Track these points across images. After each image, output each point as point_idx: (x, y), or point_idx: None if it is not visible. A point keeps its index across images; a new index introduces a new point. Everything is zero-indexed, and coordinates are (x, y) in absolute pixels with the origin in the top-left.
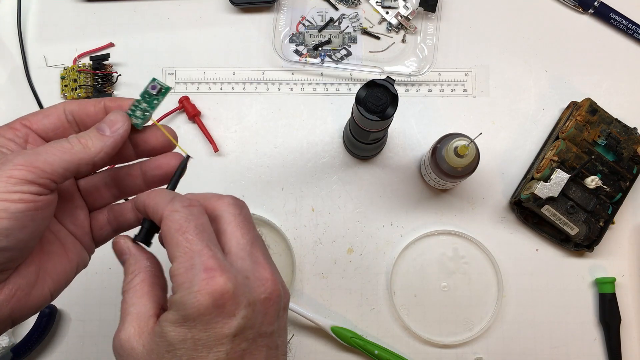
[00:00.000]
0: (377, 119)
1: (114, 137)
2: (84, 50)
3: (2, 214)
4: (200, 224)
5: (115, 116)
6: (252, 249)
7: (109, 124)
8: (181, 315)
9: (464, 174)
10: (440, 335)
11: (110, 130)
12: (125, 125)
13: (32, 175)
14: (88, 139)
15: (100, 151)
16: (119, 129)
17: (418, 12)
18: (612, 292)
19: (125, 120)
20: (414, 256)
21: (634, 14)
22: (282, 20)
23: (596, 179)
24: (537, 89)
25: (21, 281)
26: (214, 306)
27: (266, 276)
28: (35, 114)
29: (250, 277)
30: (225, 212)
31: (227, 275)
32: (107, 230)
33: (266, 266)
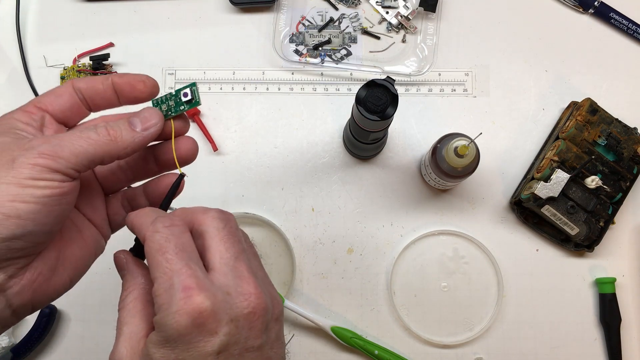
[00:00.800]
0: (377, 119)
1: (145, 135)
2: (84, 50)
3: (29, 198)
4: (180, 243)
5: (150, 113)
6: (236, 263)
7: (142, 120)
8: (163, 336)
9: (464, 174)
10: (440, 335)
11: (142, 127)
12: (159, 125)
13: (57, 165)
14: (118, 132)
15: (128, 147)
16: (152, 128)
17: (418, 12)
18: (612, 292)
19: (160, 119)
20: (414, 256)
21: (634, 14)
22: (282, 20)
23: (596, 179)
24: (537, 89)
25: (43, 266)
26: (194, 325)
27: (249, 290)
28: (47, 95)
29: (232, 293)
30: (209, 227)
31: (206, 294)
32: (121, 215)
33: (250, 280)
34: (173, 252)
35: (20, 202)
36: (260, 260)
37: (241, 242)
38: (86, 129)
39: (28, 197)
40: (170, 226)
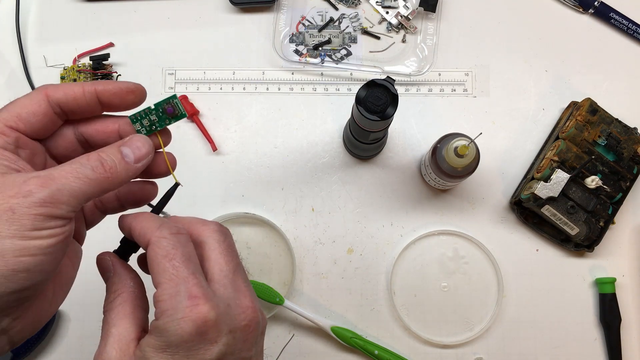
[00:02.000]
0: (377, 119)
1: (137, 167)
2: (84, 50)
3: (35, 251)
4: (187, 252)
5: (142, 143)
6: (235, 276)
7: (134, 150)
8: (164, 341)
9: (464, 174)
10: (440, 335)
11: (135, 158)
12: (150, 156)
13: (59, 211)
14: (113, 166)
15: (123, 181)
16: (144, 159)
17: (418, 12)
18: (612, 292)
19: (152, 150)
20: (414, 256)
21: (634, 14)
22: (282, 20)
23: (596, 179)
24: (537, 89)
25: (42, 302)
26: (197, 333)
27: (247, 304)
28: (19, 112)
29: (232, 305)
30: (209, 239)
31: (211, 304)
32: (96, 214)
33: (247, 294)
34: (180, 259)
35: (27, 256)
36: None
37: (238, 256)
38: (81, 165)
39: (34, 249)
40: (177, 234)
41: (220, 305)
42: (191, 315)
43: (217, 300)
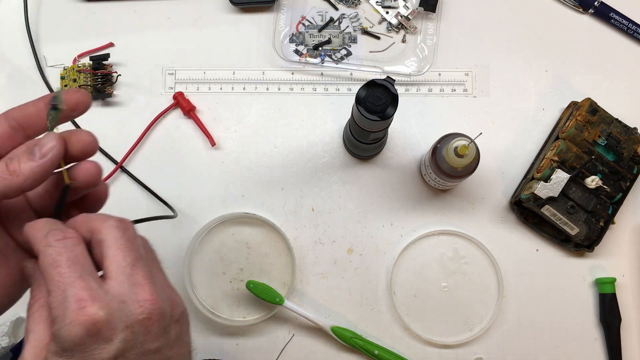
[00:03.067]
0: (377, 119)
1: (44, 162)
2: (84, 50)
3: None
4: (73, 255)
5: (47, 139)
6: (132, 270)
7: (39, 147)
8: (59, 346)
9: (464, 174)
10: (440, 335)
11: (40, 154)
12: (55, 150)
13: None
14: (16, 165)
15: (29, 178)
16: (49, 153)
17: (418, 12)
18: (612, 292)
19: (58, 141)
20: (414, 256)
21: (634, 14)
22: (282, 20)
23: (596, 179)
24: (537, 89)
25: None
26: (88, 335)
27: (145, 297)
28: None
29: (127, 300)
30: (108, 236)
31: (99, 304)
32: None
33: (146, 287)
34: (65, 265)
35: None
36: (160, 263)
37: (139, 249)
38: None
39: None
40: (63, 239)
41: (112, 303)
42: (79, 318)
43: (109, 298)
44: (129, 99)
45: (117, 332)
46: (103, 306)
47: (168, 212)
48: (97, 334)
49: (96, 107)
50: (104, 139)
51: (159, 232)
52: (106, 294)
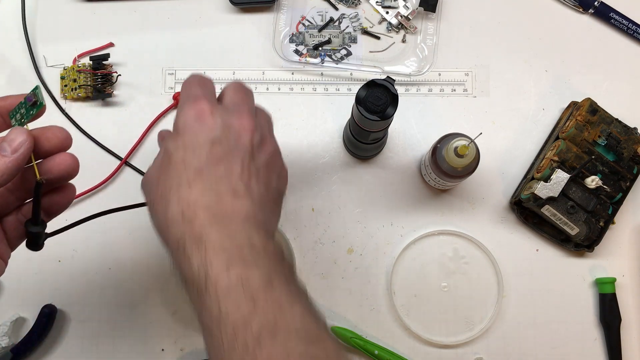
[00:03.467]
0: (377, 119)
1: (16, 158)
2: (84, 50)
3: None
4: (203, 82)
5: (15, 134)
6: (241, 104)
7: (9, 142)
8: (175, 130)
9: (464, 174)
10: (440, 335)
11: (11, 149)
12: (26, 145)
13: None
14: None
15: (2, 174)
16: (20, 149)
17: (418, 12)
18: (612, 292)
19: (27, 137)
20: (414, 256)
21: (634, 14)
22: (282, 20)
23: (596, 179)
24: (537, 89)
25: None
26: (195, 118)
27: (243, 121)
28: None
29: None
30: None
31: (210, 104)
32: (20, 230)
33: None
34: (195, 82)
35: None
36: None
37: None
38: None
39: None
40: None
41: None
42: (193, 106)
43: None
44: (129, 99)
45: (217, 125)
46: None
47: None
48: (202, 119)
49: (96, 107)
50: (104, 139)
51: None
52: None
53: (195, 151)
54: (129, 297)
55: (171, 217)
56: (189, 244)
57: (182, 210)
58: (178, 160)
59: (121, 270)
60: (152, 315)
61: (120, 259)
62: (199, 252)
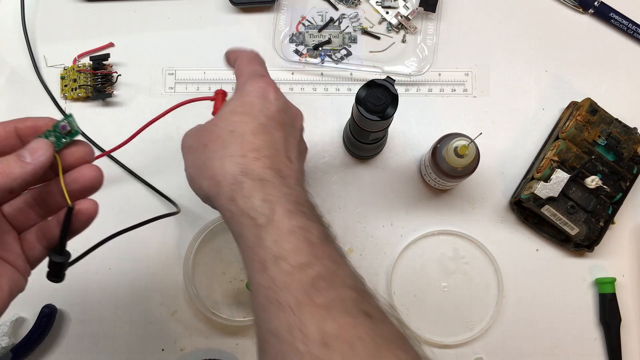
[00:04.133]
0: (377, 119)
1: (34, 164)
2: (84, 50)
3: None
4: (263, 62)
5: (37, 144)
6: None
7: (30, 150)
8: (240, 94)
9: (464, 174)
10: (440, 335)
11: (31, 157)
12: (47, 153)
13: None
14: (6, 165)
15: (18, 177)
16: (40, 156)
17: (418, 12)
18: (612, 292)
19: (48, 148)
20: (414, 256)
21: (634, 14)
22: (282, 20)
23: (596, 179)
24: (537, 89)
25: None
26: (264, 90)
27: (297, 109)
28: None
29: (286, 98)
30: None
31: (274, 84)
32: (38, 249)
33: (296, 107)
34: (257, 61)
35: None
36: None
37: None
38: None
39: None
40: (259, 56)
41: (280, 91)
42: (261, 80)
43: (278, 89)
44: (129, 99)
45: (280, 102)
46: (274, 84)
47: (171, 209)
48: (269, 92)
49: (96, 107)
50: (104, 139)
51: (162, 229)
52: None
53: (262, 111)
54: (129, 297)
55: (230, 155)
56: (250, 181)
57: (245, 152)
58: (245, 112)
59: (121, 270)
60: (152, 315)
61: (120, 259)
62: (262, 190)
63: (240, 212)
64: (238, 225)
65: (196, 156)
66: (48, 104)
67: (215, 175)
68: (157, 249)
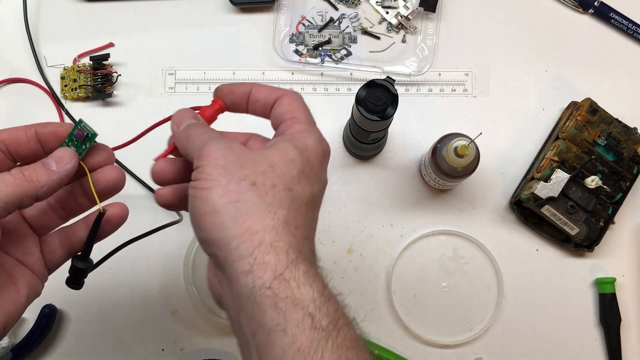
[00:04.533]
0: (377, 119)
1: (60, 172)
2: (84, 50)
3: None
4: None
5: (63, 152)
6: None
7: (56, 159)
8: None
9: (464, 174)
10: (440, 335)
11: (57, 165)
12: (72, 162)
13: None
14: (33, 173)
15: (44, 185)
16: (66, 165)
17: (418, 12)
18: (612, 292)
19: (73, 157)
20: (414, 256)
21: (634, 14)
22: (282, 20)
23: (596, 179)
24: (537, 89)
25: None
26: (325, 154)
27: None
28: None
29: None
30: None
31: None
32: (59, 253)
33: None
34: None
35: None
36: None
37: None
38: (1, 174)
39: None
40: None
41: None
42: (323, 140)
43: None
44: (129, 99)
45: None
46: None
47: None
48: (323, 161)
49: (96, 107)
50: (104, 139)
51: (162, 231)
52: None
53: (319, 180)
54: (128, 298)
55: (286, 221)
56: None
57: (299, 224)
58: (305, 172)
59: (121, 270)
60: (152, 315)
61: (120, 259)
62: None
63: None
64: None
65: (235, 187)
66: (48, 104)
67: (259, 231)
68: (157, 249)
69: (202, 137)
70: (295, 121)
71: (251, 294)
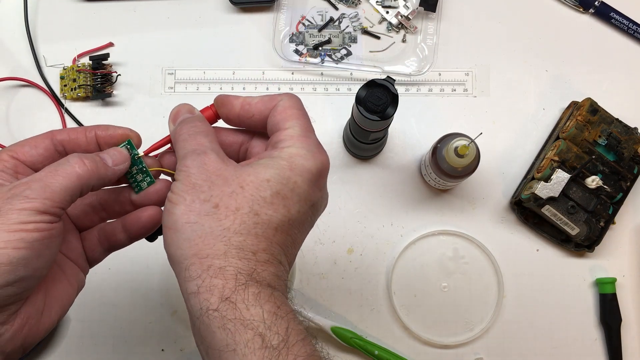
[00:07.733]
0: (377, 119)
1: (115, 170)
2: (84, 50)
3: (19, 244)
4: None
5: (119, 152)
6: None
7: (112, 157)
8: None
9: (464, 174)
10: (440, 335)
11: (113, 162)
12: (126, 164)
13: (44, 206)
14: (93, 163)
15: (102, 177)
16: (121, 165)
17: (418, 12)
18: (612, 292)
19: (127, 160)
20: (414, 256)
21: (634, 14)
22: (282, 20)
23: (597, 179)
24: (538, 89)
25: (31, 310)
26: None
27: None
28: (22, 145)
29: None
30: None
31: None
32: (98, 250)
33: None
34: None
35: (11, 249)
36: None
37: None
38: (59, 164)
39: (19, 242)
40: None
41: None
42: (321, 154)
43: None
44: (129, 99)
45: (324, 187)
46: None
47: None
48: (317, 182)
49: (96, 107)
50: None
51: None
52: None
53: (301, 201)
54: (128, 297)
55: (240, 246)
56: (256, 287)
57: (257, 249)
58: (281, 194)
59: (121, 270)
60: (152, 315)
61: (120, 259)
62: (273, 301)
63: (237, 320)
64: (226, 334)
65: (198, 207)
66: (48, 104)
67: (209, 255)
68: (157, 249)
69: (185, 148)
70: (287, 133)
71: (200, 314)
